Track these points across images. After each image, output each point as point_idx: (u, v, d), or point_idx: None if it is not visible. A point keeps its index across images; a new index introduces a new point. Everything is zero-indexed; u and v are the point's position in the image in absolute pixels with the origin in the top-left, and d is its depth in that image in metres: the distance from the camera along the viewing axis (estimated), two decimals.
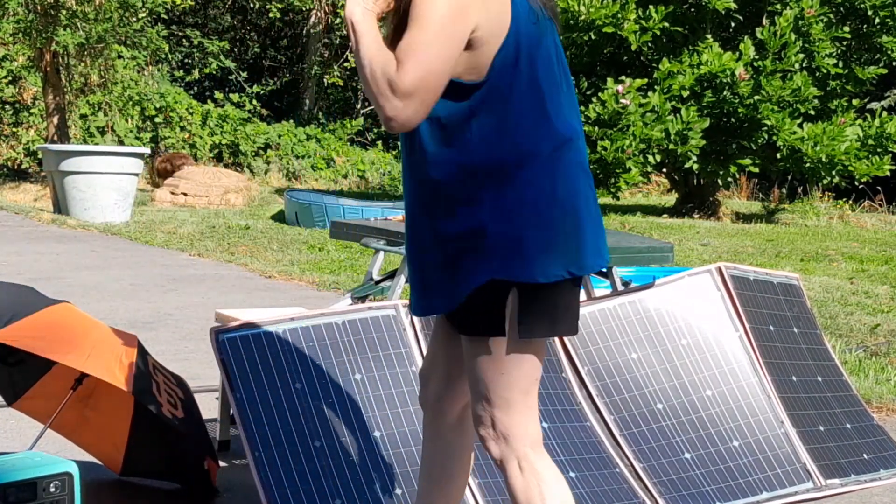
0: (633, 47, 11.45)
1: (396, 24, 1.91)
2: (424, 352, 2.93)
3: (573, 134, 1.94)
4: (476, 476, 2.81)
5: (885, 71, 12.33)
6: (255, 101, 19.16)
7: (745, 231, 11.11)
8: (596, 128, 11.07)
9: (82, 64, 14.30)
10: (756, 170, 12.38)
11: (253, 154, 16.92)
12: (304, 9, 20.54)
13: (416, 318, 2.98)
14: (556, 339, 3.21)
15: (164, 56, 17.48)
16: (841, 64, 11.90)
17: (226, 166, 16.35)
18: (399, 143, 2.09)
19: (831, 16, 11.70)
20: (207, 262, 8.18)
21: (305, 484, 2.65)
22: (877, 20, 11.78)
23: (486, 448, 1.99)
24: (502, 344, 1.92)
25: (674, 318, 3.31)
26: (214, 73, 20.21)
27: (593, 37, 11.29)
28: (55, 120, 13.81)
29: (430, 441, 2.20)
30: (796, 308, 3.61)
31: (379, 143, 19.73)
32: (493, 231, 1.88)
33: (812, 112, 11.82)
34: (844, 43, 12.02)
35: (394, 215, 3.98)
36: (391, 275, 3.62)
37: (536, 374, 1.98)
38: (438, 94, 1.81)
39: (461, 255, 1.91)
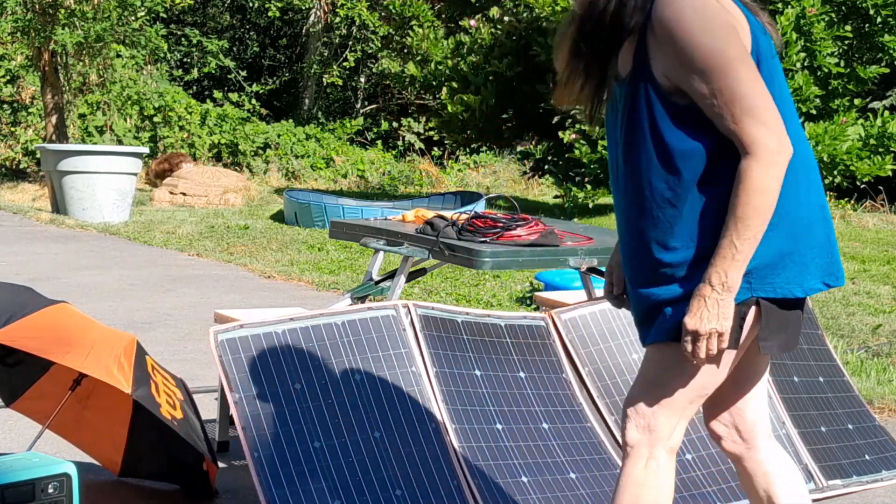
0: None
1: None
2: (424, 352, 2.92)
3: (799, 143, 1.92)
4: (476, 477, 2.79)
5: (887, 70, 12.31)
6: (254, 101, 19.15)
7: None
8: (596, 128, 11.06)
9: (81, 63, 14.28)
10: None
11: (252, 154, 16.90)
12: (303, 8, 20.54)
13: (415, 319, 2.97)
14: (558, 340, 3.20)
15: (162, 55, 17.47)
16: (843, 63, 11.89)
17: (225, 166, 16.33)
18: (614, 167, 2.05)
19: (833, 15, 11.69)
20: (206, 262, 8.17)
21: (305, 485, 2.63)
22: (879, 19, 11.77)
23: (624, 428, 1.97)
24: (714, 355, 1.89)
25: None
26: (213, 72, 20.20)
27: None
28: (53, 119, 13.79)
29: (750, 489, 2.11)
30: None
31: (378, 142, 19.73)
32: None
33: (813, 111, 11.81)
34: (846, 42, 12.01)
35: (393, 215, 3.97)
36: (391, 275, 3.61)
37: (711, 390, 1.96)
38: (776, 110, 1.80)
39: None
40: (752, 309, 1.88)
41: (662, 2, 1.81)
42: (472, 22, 12.32)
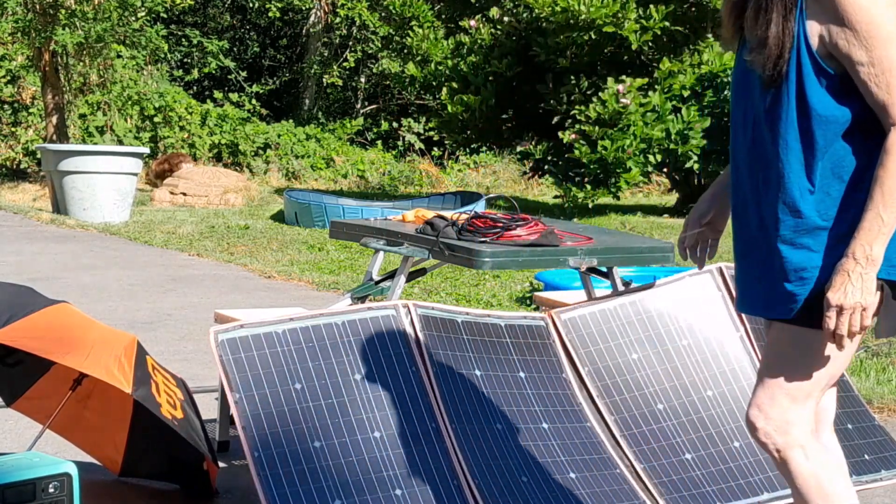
0: (634, 47, 11.44)
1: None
2: (424, 352, 2.92)
3: None
4: (476, 477, 2.80)
5: None
6: (254, 101, 19.16)
7: None
8: (596, 127, 11.06)
9: (81, 63, 14.29)
10: None
11: (252, 154, 16.91)
12: (303, 8, 20.55)
13: (415, 319, 2.97)
14: (558, 340, 3.21)
15: (163, 55, 17.48)
16: None
17: (225, 166, 16.33)
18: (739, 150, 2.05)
19: None
20: (207, 262, 8.17)
21: (305, 484, 2.64)
22: None
23: (766, 434, 1.96)
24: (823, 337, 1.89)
25: (674, 319, 3.30)
26: (214, 72, 20.21)
27: (593, 36, 11.28)
28: (54, 119, 13.80)
29: None
30: None
31: (378, 142, 19.73)
32: None
33: None
34: None
35: (393, 215, 3.97)
36: (391, 275, 3.61)
37: (840, 372, 1.96)
38: None
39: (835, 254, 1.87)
40: (880, 290, 1.89)
41: None
42: (472, 22, 12.32)
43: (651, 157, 11.51)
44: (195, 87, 20.92)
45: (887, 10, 1.81)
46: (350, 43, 21.04)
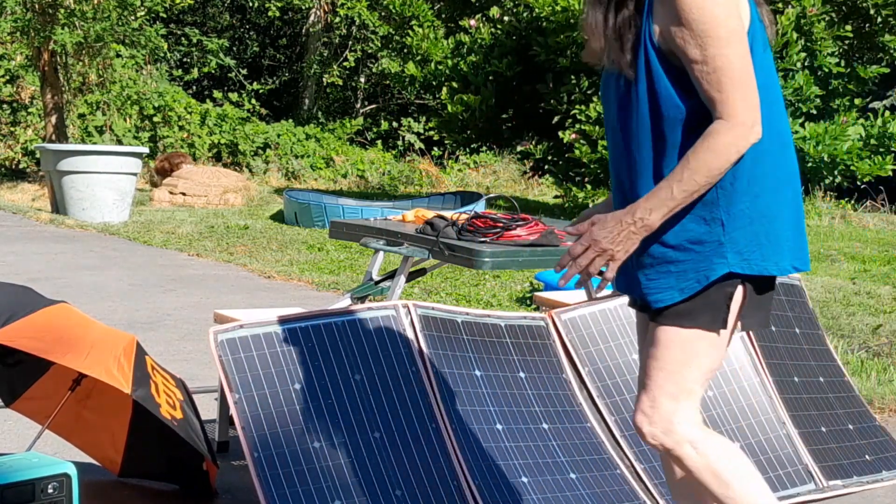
0: None
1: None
2: (424, 352, 2.92)
3: (788, 138, 1.98)
4: (477, 477, 2.79)
5: (887, 70, 12.30)
6: (254, 101, 19.14)
7: None
8: (597, 127, 11.05)
9: (80, 63, 14.28)
10: None
11: (252, 153, 16.90)
12: (303, 7, 20.53)
13: (415, 319, 2.96)
14: (558, 341, 3.20)
15: (162, 55, 17.47)
16: (843, 63, 11.89)
17: (225, 166, 16.33)
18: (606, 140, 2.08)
19: (833, 14, 11.68)
20: (206, 262, 8.17)
21: (304, 485, 2.63)
22: (879, 19, 11.76)
23: (651, 434, 1.98)
24: (702, 335, 1.93)
25: None
26: (213, 71, 20.20)
27: None
28: (53, 119, 13.79)
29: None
30: (798, 308, 3.59)
31: (378, 142, 19.73)
32: (731, 225, 1.89)
33: (814, 111, 11.80)
34: (846, 42, 12.00)
35: (393, 215, 3.97)
36: (391, 275, 3.60)
37: (716, 367, 1.99)
38: (757, 91, 1.84)
39: (696, 250, 1.90)
40: (739, 289, 1.92)
41: None
42: (472, 22, 12.31)
43: None
44: (194, 87, 20.91)
45: (727, 9, 1.83)
46: (350, 42, 21.04)
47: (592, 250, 1.88)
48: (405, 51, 13.13)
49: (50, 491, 2.47)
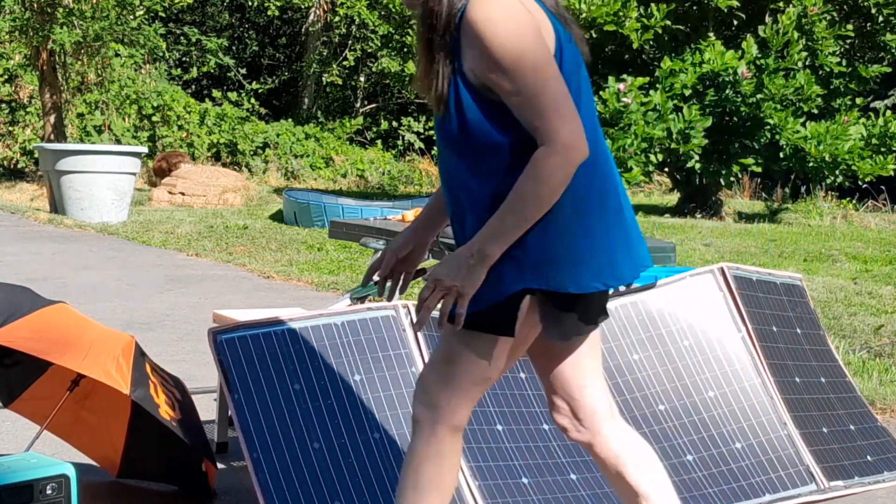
0: (635, 45, 11.43)
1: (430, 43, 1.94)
2: (424, 353, 2.91)
3: (601, 156, 1.98)
4: (477, 478, 2.78)
5: (888, 69, 12.30)
6: (253, 100, 19.13)
7: (748, 231, 11.08)
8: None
9: (79, 62, 14.27)
10: (759, 169, 12.35)
11: (251, 153, 16.90)
12: (302, 7, 20.52)
13: (415, 319, 2.95)
14: None
15: (161, 54, 17.45)
16: (844, 62, 11.88)
17: (224, 165, 16.32)
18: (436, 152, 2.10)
19: (834, 14, 11.68)
20: (205, 262, 8.16)
21: (304, 486, 2.62)
22: (880, 18, 11.76)
23: (412, 404, 2.05)
24: (492, 341, 1.97)
25: (676, 319, 3.28)
26: (212, 71, 20.19)
27: (595, 35, 11.27)
28: (52, 119, 13.78)
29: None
30: (799, 309, 3.58)
31: (378, 142, 19.72)
32: (529, 242, 1.90)
33: (815, 111, 11.79)
34: (848, 41, 12.00)
35: (393, 215, 3.96)
36: None
37: (493, 374, 2.03)
38: (576, 109, 1.86)
39: (498, 263, 1.91)
40: (526, 299, 1.94)
41: (473, 3, 1.87)
42: None
43: (652, 157, 11.50)
44: (193, 86, 20.90)
45: (530, 40, 1.85)
46: (349, 42, 21.03)
47: (438, 290, 1.90)
48: (405, 50, 13.13)
49: (49, 492, 2.46)
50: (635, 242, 2.02)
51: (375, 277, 2.25)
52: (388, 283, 2.24)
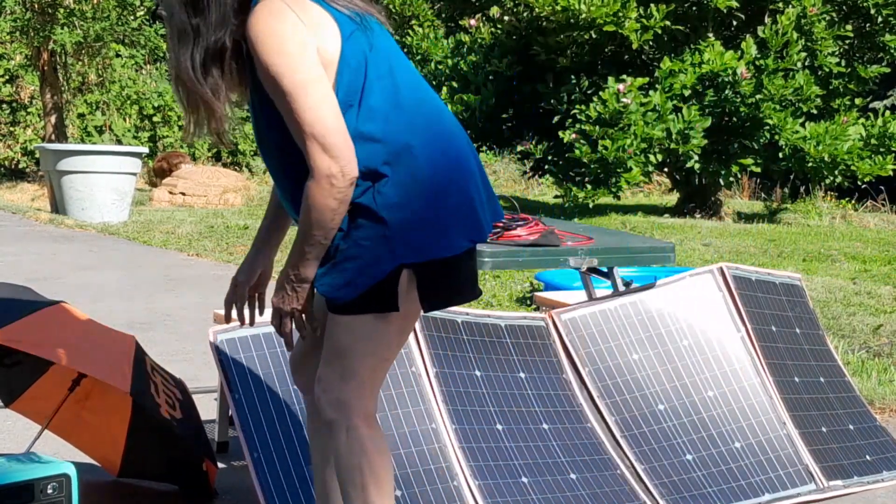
0: (635, 46, 11.43)
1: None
2: (424, 352, 2.91)
3: (437, 116, 2.03)
4: (477, 478, 2.78)
5: (888, 70, 12.30)
6: None
7: (747, 231, 11.08)
8: (597, 127, 11.05)
9: (80, 63, 14.28)
10: (758, 169, 12.36)
11: (252, 153, 16.89)
12: None
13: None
14: (558, 341, 3.19)
15: (162, 55, 17.44)
16: (843, 63, 11.89)
17: (224, 165, 16.32)
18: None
19: (834, 14, 11.68)
20: (206, 262, 8.16)
21: (304, 485, 2.63)
22: (879, 19, 11.76)
23: (320, 408, 2.07)
24: (380, 321, 2.01)
25: (675, 319, 3.29)
26: None
27: (594, 35, 11.27)
28: (53, 119, 13.78)
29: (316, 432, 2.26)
30: (798, 308, 3.58)
31: None
32: (392, 221, 1.95)
33: (814, 111, 11.79)
34: (847, 41, 12.00)
35: None
36: None
37: (390, 355, 2.08)
38: (343, 123, 1.90)
39: (363, 245, 1.97)
40: (403, 273, 1.98)
41: (250, 19, 1.91)
42: (472, 21, 12.31)
43: (652, 157, 11.50)
44: None
45: (290, 60, 1.88)
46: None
47: (279, 315, 2.03)
48: (405, 50, 13.11)
49: (49, 491, 2.46)
50: (488, 197, 2.09)
51: (234, 313, 2.29)
52: (247, 310, 2.29)
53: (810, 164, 11.59)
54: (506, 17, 12.00)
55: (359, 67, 1.95)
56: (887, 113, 12.09)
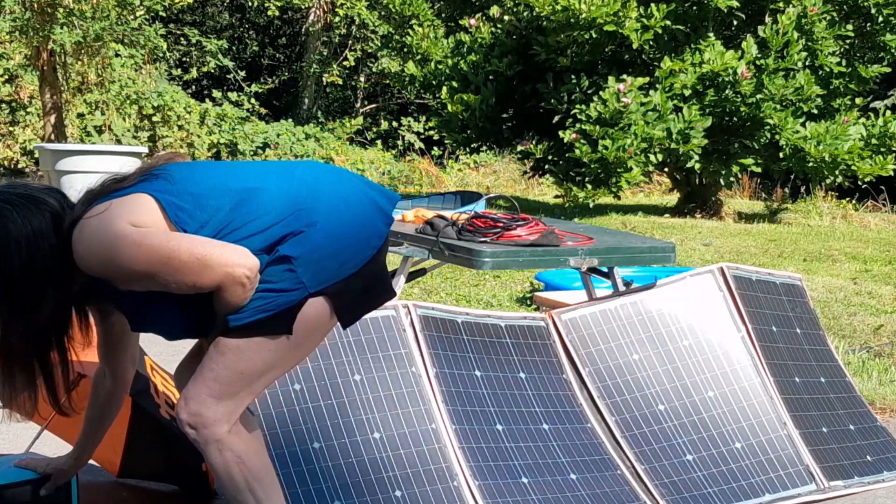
0: (635, 46, 11.43)
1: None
2: (424, 353, 2.91)
3: (302, 176, 2.17)
4: (477, 478, 2.78)
5: (888, 70, 12.29)
6: (253, 100, 19.12)
7: (748, 231, 11.08)
8: (597, 127, 11.04)
9: (79, 62, 14.27)
10: (758, 169, 12.35)
11: (251, 153, 16.89)
12: (302, 7, 20.52)
13: (415, 319, 2.95)
14: (558, 341, 3.19)
15: (161, 55, 17.44)
16: (844, 62, 11.88)
17: None
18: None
19: (834, 14, 11.67)
20: None
21: (304, 486, 2.62)
22: (880, 18, 11.75)
23: (184, 431, 2.15)
24: (267, 343, 2.09)
25: (675, 319, 3.28)
26: (212, 71, 20.19)
27: (594, 35, 11.26)
28: (52, 119, 13.78)
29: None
30: (799, 308, 3.58)
31: (378, 142, 19.72)
32: (297, 256, 2.06)
33: (815, 111, 11.78)
34: (847, 41, 11.99)
35: (393, 215, 3.94)
36: (391, 275, 3.59)
37: (279, 373, 2.18)
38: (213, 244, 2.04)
39: (277, 279, 2.08)
40: (311, 302, 2.09)
41: (74, 242, 2.10)
42: (472, 21, 12.30)
43: (652, 157, 11.49)
44: (194, 87, 20.90)
45: (141, 256, 2.02)
46: (350, 42, 21.03)
47: None
48: (405, 50, 13.12)
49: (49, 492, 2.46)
50: (377, 196, 2.20)
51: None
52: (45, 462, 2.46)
53: (811, 164, 11.59)
54: (506, 17, 12.00)
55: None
56: (888, 113, 12.09)
